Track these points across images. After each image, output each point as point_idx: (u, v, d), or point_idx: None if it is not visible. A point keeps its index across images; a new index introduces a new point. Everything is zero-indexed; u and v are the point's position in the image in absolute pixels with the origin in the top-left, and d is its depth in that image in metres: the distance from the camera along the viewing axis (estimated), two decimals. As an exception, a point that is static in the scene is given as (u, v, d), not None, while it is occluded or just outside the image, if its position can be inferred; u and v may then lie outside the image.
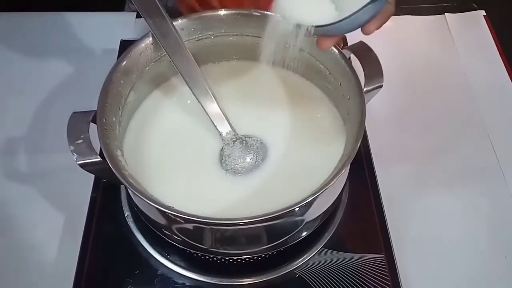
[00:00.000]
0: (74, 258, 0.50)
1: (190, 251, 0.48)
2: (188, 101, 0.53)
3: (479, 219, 0.55)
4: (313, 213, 0.46)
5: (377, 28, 0.41)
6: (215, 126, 0.49)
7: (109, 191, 0.54)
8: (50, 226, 0.54)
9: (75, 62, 0.68)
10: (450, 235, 0.54)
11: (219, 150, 0.50)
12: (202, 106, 0.49)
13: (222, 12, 0.51)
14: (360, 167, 0.56)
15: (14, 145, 0.60)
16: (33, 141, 0.61)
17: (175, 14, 0.51)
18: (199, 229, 0.44)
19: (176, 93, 0.55)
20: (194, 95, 0.48)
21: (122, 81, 0.48)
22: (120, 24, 0.72)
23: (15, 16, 0.74)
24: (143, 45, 0.49)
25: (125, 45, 0.63)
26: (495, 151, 0.60)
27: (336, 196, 0.49)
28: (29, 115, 0.63)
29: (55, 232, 0.53)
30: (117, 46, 0.65)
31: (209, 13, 0.51)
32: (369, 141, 0.58)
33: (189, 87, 0.48)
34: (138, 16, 0.72)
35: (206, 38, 0.53)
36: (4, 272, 0.51)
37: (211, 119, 0.49)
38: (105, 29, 0.71)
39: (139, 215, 0.50)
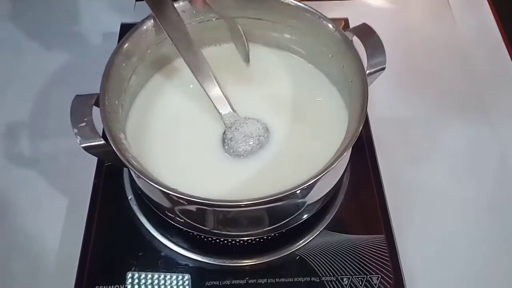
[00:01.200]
0: (78, 242, 0.50)
1: (193, 233, 0.48)
2: (191, 85, 0.53)
3: (480, 202, 0.55)
4: (315, 195, 0.47)
5: None
6: (217, 109, 0.49)
7: (112, 175, 0.54)
8: (53, 210, 0.54)
9: (75, 46, 0.68)
10: (450, 217, 0.54)
11: (221, 133, 0.50)
12: (204, 89, 0.49)
13: (224, -6, 0.51)
14: (362, 150, 0.56)
15: (16, 130, 0.60)
16: (35, 126, 0.61)
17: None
18: (202, 211, 0.44)
19: (178, 75, 0.55)
20: (196, 78, 0.48)
21: (124, 64, 0.48)
22: (120, 7, 0.71)
23: (14, 0, 0.73)
24: (144, 27, 0.49)
25: (125, 29, 0.62)
26: (496, 135, 0.60)
27: (338, 178, 0.49)
28: (30, 99, 0.63)
29: (59, 216, 0.54)
30: (117, 30, 0.65)
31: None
32: (371, 124, 0.58)
33: (191, 70, 0.48)
34: (138, -1, 0.71)
35: (207, 20, 0.53)
36: (7, 257, 0.51)
37: (212, 102, 0.49)
38: (105, 12, 0.71)
39: (142, 198, 0.51)
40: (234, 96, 0.51)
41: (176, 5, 0.50)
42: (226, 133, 0.49)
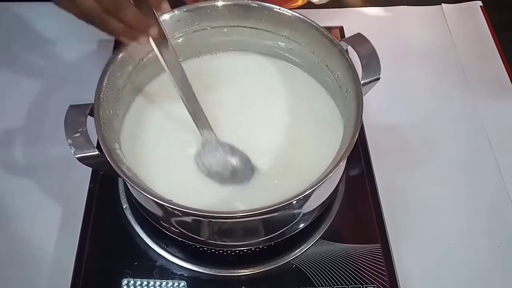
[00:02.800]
0: (73, 250, 0.50)
1: (188, 243, 0.48)
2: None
3: (475, 210, 0.56)
4: (311, 205, 0.47)
5: None
6: (197, 127, 0.47)
7: (107, 183, 0.54)
8: (48, 218, 0.54)
9: (71, 53, 0.68)
10: (446, 225, 0.54)
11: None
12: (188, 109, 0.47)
13: (220, 3, 0.51)
14: (357, 159, 0.56)
15: (11, 137, 0.60)
16: (30, 133, 0.60)
17: (178, 3, 0.51)
18: (197, 221, 0.44)
19: (172, 85, 0.54)
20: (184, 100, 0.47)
21: (118, 74, 0.48)
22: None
23: (10, 7, 0.73)
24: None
25: (121, 36, 0.63)
26: (490, 142, 0.61)
27: (333, 188, 0.49)
28: (25, 107, 0.62)
29: (53, 224, 0.53)
30: (112, 38, 0.65)
31: (206, 4, 0.51)
32: (366, 133, 0.58)
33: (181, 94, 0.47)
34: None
35: (203, 29, 0.53)
36: (2, 264, 0.51)
37: (194, 120, 0.47)
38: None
39: (137, 207, 0.51)
40: (228, 104, 0.51)
41: (171, 14, 0.50)
42: (200, 153, 0.48)
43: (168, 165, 0.49)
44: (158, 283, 0.48)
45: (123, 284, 0.47)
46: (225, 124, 0.51)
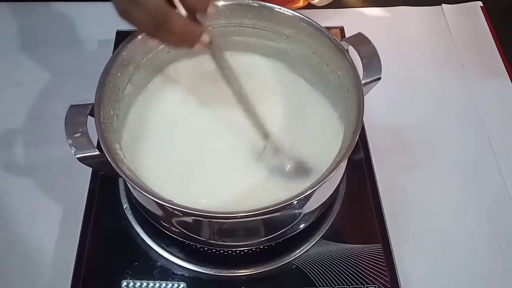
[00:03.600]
0: (73, 251, 0.50)
1: (189, 243, 0.48)
2: (184, 92, 0.53)
3: (475, 210, 0.56)
4: (311, 205, 0.47)
5: None
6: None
7: (107, 183, 0.54)
8: (48, 218, 0.54)
9: (71, 53, 0.68)
10: (447, 226, 0.54)
11: (219, 143, 0.49)
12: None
13: (221, 2, 0.51)
14: (358, 159, 0.56)
15: (11, 137, 0.60)
16: (30, 133, 0.60)
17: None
18: (198, 222, 0.44)
19: (172, 84, 0.54)
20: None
21: (119, 74, 0.48)
22: (116, 15, 0.71)
23: (10, 6, 0.73)
24: (140, 36, 0.49)
25: (121, 36, 0.63)
26: (491, 142, 0.61)
27: (334, 188, 0.49)
28: (26, 107, 0.62)
29: (53, 225, 0.53)
30: (113, 37, 0.65)
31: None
32: (367, 133, 0.58)
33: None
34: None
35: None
36: (2, 265, 0.51)
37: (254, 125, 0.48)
38: (100, 19, 0.71)
39: (137, 207, 0.51)
40: (227, 104, 0.50)
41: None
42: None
43: (169, 166, 0.48)
44: (157, 284, 0.47)
45: (123, 286, 0.47)
46: (224, 123, 0.51)
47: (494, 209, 0.56)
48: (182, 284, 0.48)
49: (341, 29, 0.67)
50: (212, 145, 0.50)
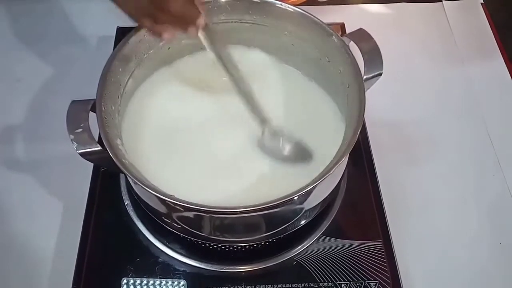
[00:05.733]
0: (74, 247, 0.50)
1: (190, 239, 0.48)
2: (185, 87, 0.53)
3: (476, 206, 0.56)
4: (313, 201, 0.47)
5: None
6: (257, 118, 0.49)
7: (109, 180, 0.54)
8: (50, 215, 0.54)
9: (72, 49, 0.68)
10: (447, 222, 0.54)
11: (221, 136, 0.49)
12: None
13: (222, -2, 0.51)
14: (359, 155, 0.56)
15: (12, 134, 0.60)
16: (31, 130, 0.60)
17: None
18: (199, 217, 0.44)
19: (173, 79, 0.54)
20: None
21: (120, 69, 0.48)
22: (116, 11, 0.71)
23: (11, 3, 0.73)
24: (141, 32, 0.49)
25: (121, 33, 0.63)
26: (491, 138, 0.61)
27: (335, 184, 0.49)
28: (27, 104, 0.62)
29: (55, 221, 0.53)
30: (113, 33, 0.65)
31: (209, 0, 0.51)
32: (367, 128, 0.58)
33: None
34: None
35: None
36: (3, 262, 0.51)
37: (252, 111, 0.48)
38: (101, 16, 0.71)
39: (139, 204, 0.51)
40: (228, 99, 0.51)
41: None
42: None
43: (170, 160, 0.48)
44: (158, 281, 0.48)
45: (123, 283, 0.47)
46: (225, 116, 0.51)
47: (494, 205, 0.56)
48: (182, 282, 0.48)
49: (342, 25, 0.66)
50: (212, 138, 0.50)
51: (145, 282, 0.48)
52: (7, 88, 0.64)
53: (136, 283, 0.47)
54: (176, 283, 0.48)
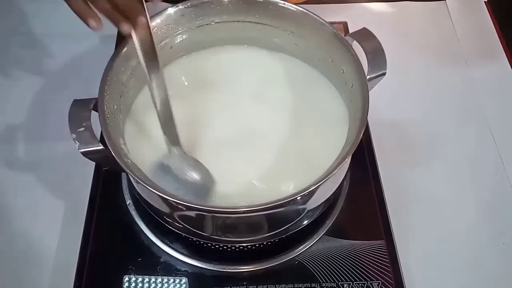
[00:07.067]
0: (76, 247, 0.50)
1: (192, 239, 0.48)
2: (187, 86, 0.53)
3: (479, 206, 0.55)
4: (315, 201, 0.46)
5: None
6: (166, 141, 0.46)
7: (110, 179, 0.54)
8: (51, 214, 0.53)
9: (73, 48, 0.68)
10: (450, 221, 0.54)
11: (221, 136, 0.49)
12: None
13: (225, -2, 0.51)
14: (361, 155, 0.56)
15: (14, 133, 0.59)
16: (33, 129, 0.60)
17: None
18: (201, 217, 0.44)
19: (175, 78, 0.54)
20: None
21: (122, 68, 0.47)
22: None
23: (12, 2, 0.72)
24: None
25: (124, 31, 0.62)
26: (494, 138, 0.60)
27: (338, 184, 0.49)
28: (29, 103, 0.62)
29: (56, 221, 0.53)
30: (115, 32, 0.64)
31: (211, -1, 0.51)
32: (370, 128, 0.58)
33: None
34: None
35: (207, 24, 0.53)
36: (5, 261, 0.51)
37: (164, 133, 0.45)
38: (102, 15, 0.70)
39: (140, 203, 0.50)
40: (232, 98, 0.51)
41: (176, 8, 0.50)
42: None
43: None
44: (159, 279, 0.47)
45: (125, 281, 0.47)
46: (226, 119, 0.51)
47: (498, 205, 0.56)
48: (184, 279, 0.47)
49: (345, 24, 0.66)
50: (213, 138, 0.50)
51: (146, 279, 0.48)
52: (9, 88, 0.64)
53: (138, 281, 0.47)
54: (177, 281, 0.47)
